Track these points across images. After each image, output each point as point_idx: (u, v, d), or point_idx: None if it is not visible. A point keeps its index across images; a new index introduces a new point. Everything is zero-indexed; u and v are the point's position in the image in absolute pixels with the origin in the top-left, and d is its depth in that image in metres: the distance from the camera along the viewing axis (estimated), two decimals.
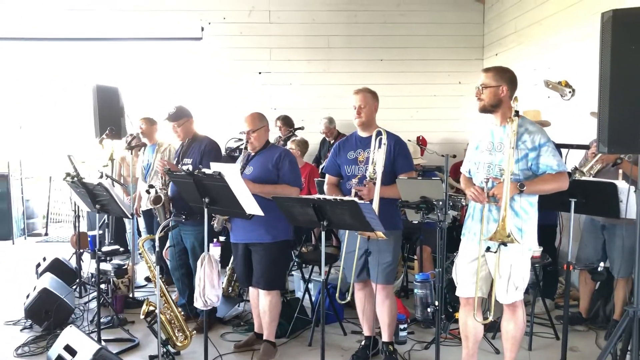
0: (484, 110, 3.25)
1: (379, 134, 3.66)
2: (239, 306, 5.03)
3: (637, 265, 3.01)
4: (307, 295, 4.81)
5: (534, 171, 3.16)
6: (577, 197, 3.62)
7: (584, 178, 3.97)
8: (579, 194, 3.62)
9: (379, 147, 3.62)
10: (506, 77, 3.22)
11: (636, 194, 3.03)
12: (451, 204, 3.08)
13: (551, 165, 3.12)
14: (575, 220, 3.84)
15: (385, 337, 3.90)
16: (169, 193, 4.47)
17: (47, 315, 4.45)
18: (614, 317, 4.32)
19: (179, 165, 4.39)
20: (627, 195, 3.46)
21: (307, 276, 4.86)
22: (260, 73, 8.17)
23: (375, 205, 3.40)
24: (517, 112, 3.09)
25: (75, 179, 4.23)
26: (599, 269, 3.85)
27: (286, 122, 7.18)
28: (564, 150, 4.62)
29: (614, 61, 2.79)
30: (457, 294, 3.45)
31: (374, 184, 3.54)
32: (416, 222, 3.56)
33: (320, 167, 6.38)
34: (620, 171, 3.96)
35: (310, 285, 4.91)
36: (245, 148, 3.98)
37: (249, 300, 4.42)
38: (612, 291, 4.45)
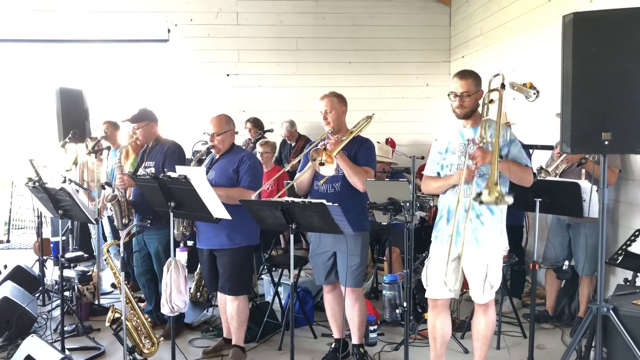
0: (466, 116, 3.26)
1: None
2: (207, 311, 4.96)
3: (600, 264, 3.07)
4: (277, 299, 4.77)
5: None
6: (542, 197, 3.67)
7: (548, 178, 4.04)
8: (544, 194, 3.68)
9: None
10: (480, 81, 3.30)
11: (598, 194, 3.09)
12: (419, 205, 3.09)
13: (520, 159, 3.19)
14: (541, 220, 3.90)
15: (355, 340, 3.89)
16: (131, 197, 4.38)
17: (8, 325, 4.31)
18: (578, 315, 4.41)
19: (142, 168, 4.31)
20: (590, 194, 3.53)
21: (276, 280, 4.83)
22: (228, 75, 8.10)
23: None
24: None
25: (37, 184, 4.12)
26: (564, 267, 3.91)
27: (256, 124, 7.14)
28: (529, 150, 4.71)
29: (575, 63, 2.84)
30: (427, 295, 3.42)
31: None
32: (385, 223, 3.57)
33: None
34: (583, 171, 4.04)
35: (280, 289, 4.88)
36: (209, 151, 3.93)
37: (217, 306, 4.36)
38: (577, 289, 4.54)
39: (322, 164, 3.42)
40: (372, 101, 7.93)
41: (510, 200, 2.94)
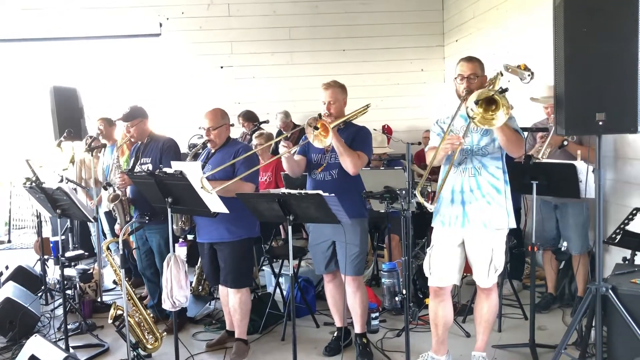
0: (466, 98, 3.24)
1: None
2: (210, 305, 4.98)
3: (598, 243, 3.08)
4: (278, 290, 4.79)
5: (496, 146, 3.24)
6: (539, 180, 3.68)
7: (546, 160, 4.04)
8: (541, 176, 3.68)
9: None
10: (484, 66, 3.36)
11: (594, 174, 3.10)
12: (414, 192, 3.08)
13: (515, 127, 3.20)
14: (537, 202, 3.91)
15: (357, 329, 3.90)
16: (129, 194, 4.39)
17: (12, 325, 4.33)
18: (578, 295, 4.43)
19: (138, 165, 4.31)
20: (586, 175, 3.53)
21: (277, 271, 4.85)
22: (222, 67, 8.07)
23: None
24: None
25: (34, 184, 4.12)
26: (562, 248, 3.92)
27: (248, 117, 7.10)
28: (524, 134, 4.70)
29: (567, 45, 2.85)
30: (430, 284, 3.42)
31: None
32: (382, 211, 3.57)
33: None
34: (579, 152, 4.04)
35: (281, 280, 4.89)
36: (205, 145, 3.93)
37: (219, 298, 4.39)
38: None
39: (316, 127, 3.41)
40: (367, 88, 7.91)
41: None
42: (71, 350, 3.95)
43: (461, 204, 3.26)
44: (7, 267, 5.63)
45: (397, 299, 3.22)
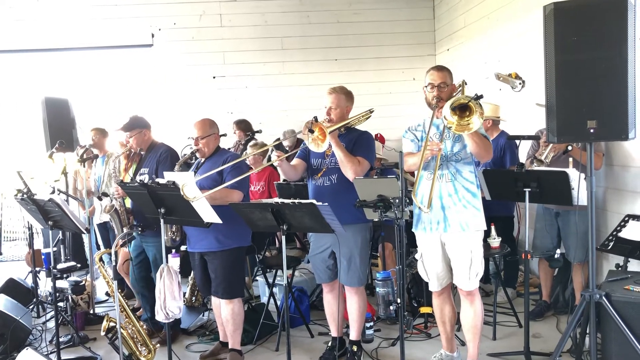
0: (438, 105, 3.32)
1: None
2: (203, 315, 4.95)
3: (591, 251, 3.10)
4: (272, 300, 4.77)
5: (468, 152, 3.32)
6: (531, 187, 3.69)
7: (542, 167, 4.05)
8: (533, 184, 3.69)
9: None
10: (452, 76, 3.43)
11: (586, 181, 3.11)
12: (409, 200, 3.08)
13: (485, 135, 3.28)
14: (532, 209, 3.92)
15: (353, 335, 3.89)
16: (131, 205, 4.35)
17: (3, 338, 4.28)
18: (575, 304, 4.42)
19: (137, 175, 4.29)
20: (578, 182, 3.55)
21: (271, 281, 4.82)
22: (214, 77, 8.08)
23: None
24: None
25: (25, 195, 4.09)
26: (556, 256, 3.93)
27: (242, 126, 7.07)
28: (516, 141, 4.72)
29: (558, 53, 2.88)
30: (432, 289, 3.56)
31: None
32: (376, 219, 3.55)
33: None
34: (571, 159, 4.06)
35: (275, 290, 4.87)
36: (194, 154, 3.92)
37: (213, 309, 4.35)
38: (569, 276, 4.57)
39: (311, 131, 3.40)
40: (359, 97, 7.75)
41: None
42: None
43: (441, 209, 3.34)
44: None
45: (391, 308, 3.23)
